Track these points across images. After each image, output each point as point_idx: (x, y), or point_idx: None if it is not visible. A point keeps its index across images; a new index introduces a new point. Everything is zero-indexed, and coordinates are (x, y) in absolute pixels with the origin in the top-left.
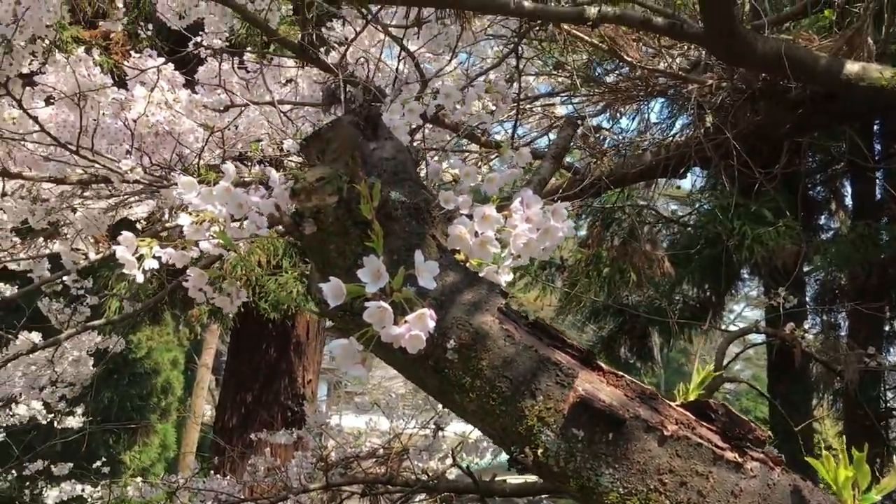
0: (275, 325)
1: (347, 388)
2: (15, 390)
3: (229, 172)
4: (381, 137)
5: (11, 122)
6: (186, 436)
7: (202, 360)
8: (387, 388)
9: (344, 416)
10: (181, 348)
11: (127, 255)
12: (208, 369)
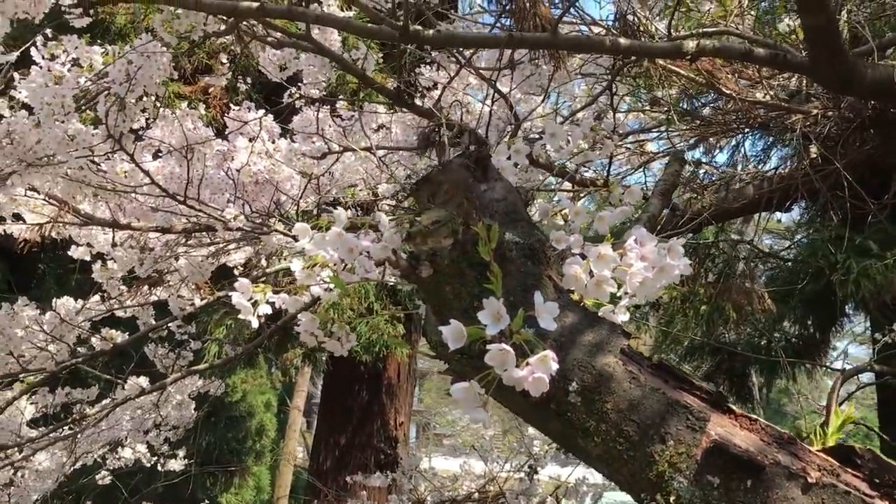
0: (366, 367)
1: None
2: (122, 434)
3: (341, 218)
4: (491, 179)
5: (123, 175)
6: (280, 478)
7: (294, 403)
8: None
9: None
10: (274, 391)
11: (243, 300)
12: (300, 412)
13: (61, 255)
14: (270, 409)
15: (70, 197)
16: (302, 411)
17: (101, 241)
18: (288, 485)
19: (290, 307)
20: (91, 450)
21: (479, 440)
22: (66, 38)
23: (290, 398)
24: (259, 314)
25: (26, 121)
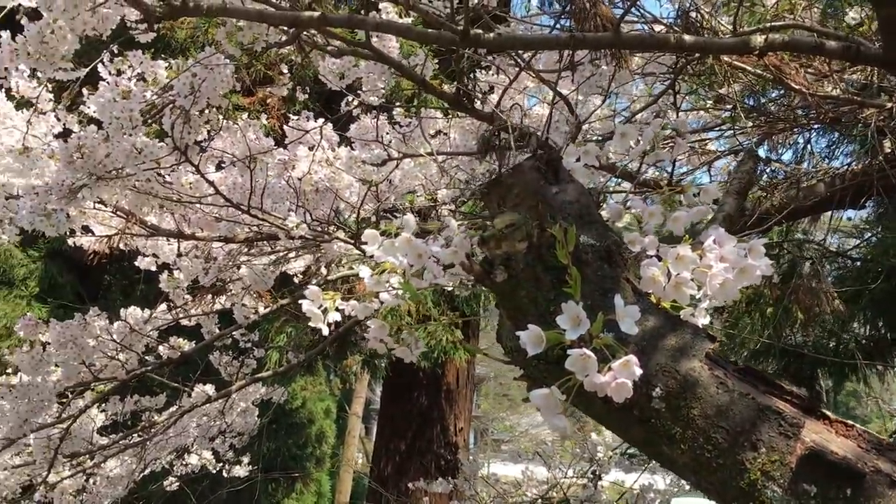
0: (425, 373)
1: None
2: (188, 440)
3: (410, 224)
4: (563, 181)
5: (188, 186)
6: (340, 484)
7: (353, 409)
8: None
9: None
10: (333, 398)
11: (313, 307)
12: (358, 418)
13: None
14: (330, 415)
15: (137, 209)
16: (360, 417)
17: (166, 252)
18: (348, 491)
19: (359, 314)
20: (159, 456)
21: (538, 446)
22: (132, 54)
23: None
24: (329, 321)
25: (95, 135)
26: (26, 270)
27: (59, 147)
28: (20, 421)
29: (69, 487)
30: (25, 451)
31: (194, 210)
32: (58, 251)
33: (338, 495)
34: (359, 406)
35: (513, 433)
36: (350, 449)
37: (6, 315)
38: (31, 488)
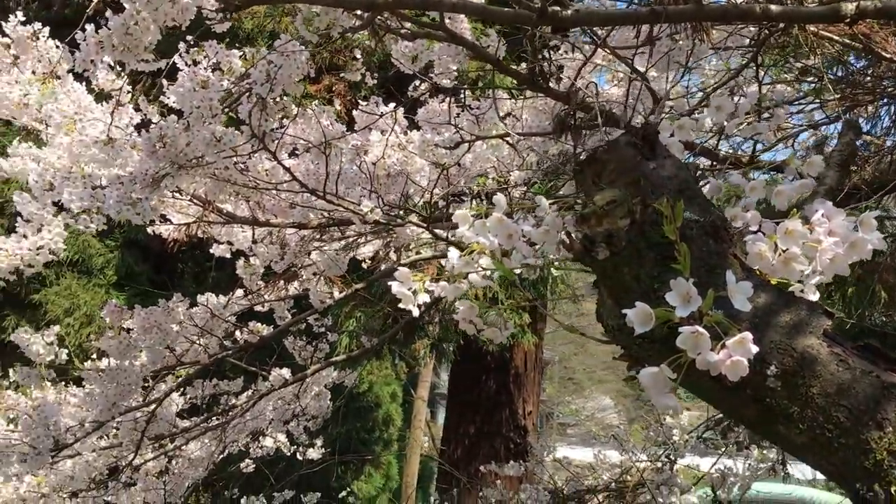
0: (493, 357)
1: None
2: (264, 424)
3: (501, 203)
4: (660, 156)
5: (265, 173)
6: (408, 467)
7: (418, 393)
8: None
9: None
10: (399, 382)
11: (403, 289)
12: (424, 402)
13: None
14: (396, 399)
15: (215, 196)
16: (426, 402)
17: (240, 239)
18: (415, 474)
19: (449, 295)
20: (237, 439)
21: (605, 430)
22: (207, 44)
23: (414, 389)
24: (419, 303)
25: (176, 125)
26: (104, 260)
27: (143, 137)
28: (109, 404)
29: (153, 469)
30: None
31: (269, 197)
32: (133, 241)
33: (405, 478)
34: (424, 390)
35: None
36: (417, 432)
37: (86, 303)
38: (117, 470)
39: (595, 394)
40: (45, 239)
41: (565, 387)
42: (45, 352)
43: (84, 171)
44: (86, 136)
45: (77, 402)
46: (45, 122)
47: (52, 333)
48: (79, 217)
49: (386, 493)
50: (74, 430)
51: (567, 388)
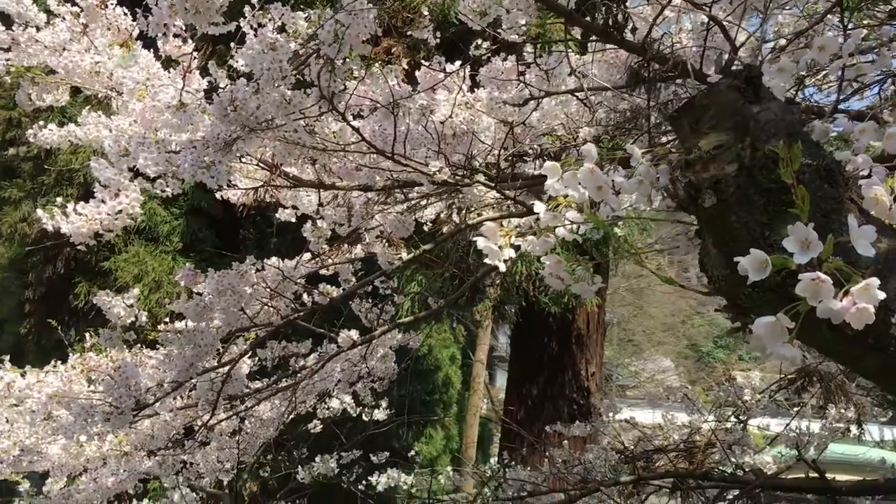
0: (555, 318)
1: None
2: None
3: (592, 153)
4: (765, 99)
5: (332, 135)
6: (467, 429)
7: (477, 356)
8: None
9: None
10: (457, 345)
11: (490, 245)
12: (483, 365)
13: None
14: (455, 362)
15: (284, 159)
16: (485, 364)
17: (304, 203)
18: (475, 435)
19: (536, 250)
20: (305, 400)
21: (665, 392)
22: (272, 7)
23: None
24: (504, 258)
25: (246, 88)
26: (170, 227)
27: (214, 101)
28: (187, 365)
29: (226, 428)
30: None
31: (336, 159)
32: (197, 208)
33: (465, 439)
34: (483, 353)
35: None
36: (476, 395)
37: (154, 270)
38: (192, 430)
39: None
40: (122, 204)
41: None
42: (126, 314)
43: (157, 136)
44: (158, 101)
45: (154, 363)
46: (116, 90)
47: (132, 296)
48: (155, 182)
49: (447, 454)
50: (154, 390)
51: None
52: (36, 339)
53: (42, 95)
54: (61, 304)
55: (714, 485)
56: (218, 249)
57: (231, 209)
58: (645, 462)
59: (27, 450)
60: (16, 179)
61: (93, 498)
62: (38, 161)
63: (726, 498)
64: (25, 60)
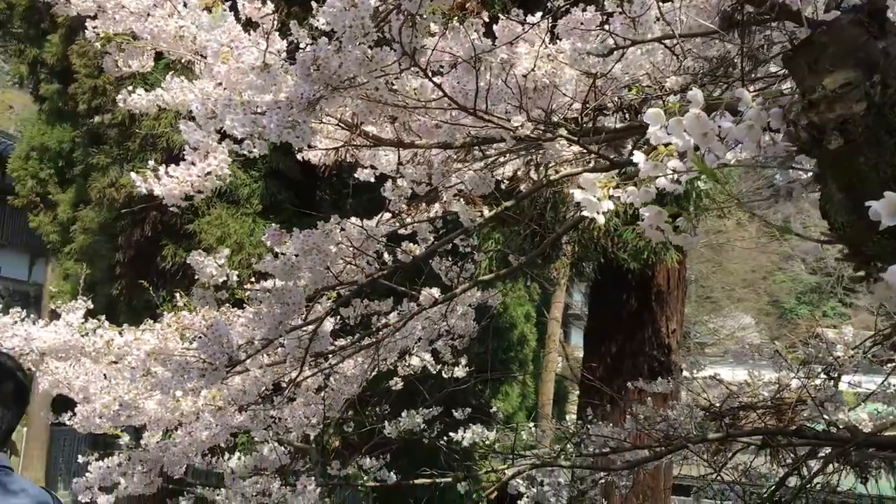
0: (634, 275)
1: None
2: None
3: (698, 98)
4: (891, 33)
5: (413, 92)
6: (543, 385)
7: (551, 314)
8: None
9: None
10: (532, 303)
11: (589, 196)
12: (558, 322)
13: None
14: (530, 320)
15: (366, 118)
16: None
17: (383, 163)
18: (551, 393)
19: (637, 200)
20: (387, 357)
21: (749, 347)
22: None
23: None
24: (603, 210)
25: (328, 46)
26: (249, 190)
27: (297, 61)
28: (276, 323)
29: (312, 385)
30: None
31: (417, 117)
32: (275, 170)
33: (541, 396)
34: (558, 311)
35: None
36: (551, 353)
37: (236, 231)
38: (279, 386)
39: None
40: (211, 165)
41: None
42: (218, 273)
43: (242, 98)
44: (242, 63)
45: (243, 321)
46: (200, 54)
47: (223, 256)
48: (242, 143)
49: (522, 411)
50: (245, 347)
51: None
52: (127, 300)
53: (128, 62)
54: (149, 266)
55: (806, 442)
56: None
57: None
58: (731, 419)
59: (125, 405)
60: (103, 146)
61: (188, 451)
62: (122, 128)
63: (818, 456)
64: (112, 27)
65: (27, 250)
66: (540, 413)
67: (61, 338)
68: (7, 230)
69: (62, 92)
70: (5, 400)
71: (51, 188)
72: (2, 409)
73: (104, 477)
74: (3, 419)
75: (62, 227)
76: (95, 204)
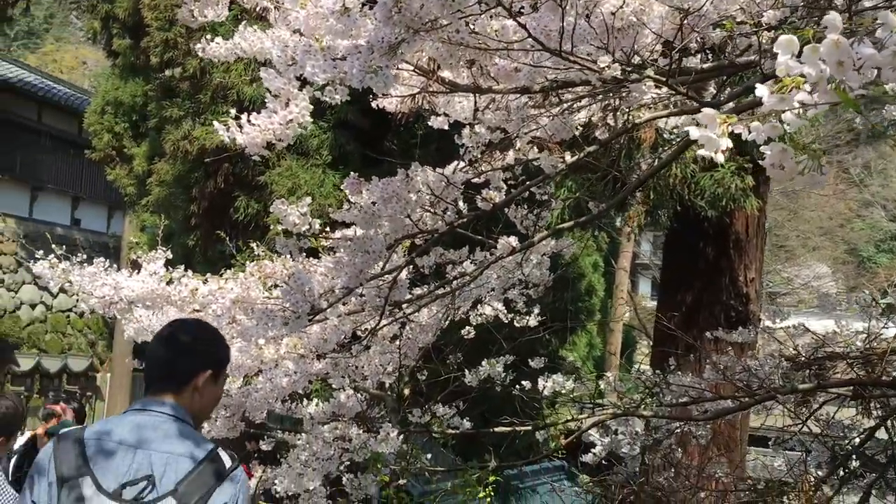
0: (710, 223)
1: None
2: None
3: (835, 23)
4: None
5: (494, 34)
6: (611, 335)
7: (620, 263)
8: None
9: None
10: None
11: (708, 133)
12: (626, 272)
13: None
14: (598, 269)
15: (446, 62)
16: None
17: (457, 110)
18: (619, 343)
19: (762, 136)
20: (462, 306)
21: (820, 298)
22: None
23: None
24: (722, 148)
25: None
26: (318, 141)
27: (378, 3)
28: (356, 271)
29: (387, 334)
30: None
31: (497, 60)
32: (343, 121)
33: (608, 346)
34: (626, 261)
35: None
36: (619, 302)
37: (306, 182)
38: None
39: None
40: (293, 113)
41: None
42: (300, 221)
43: (322, 43)
44: (320, 7)
45: (322, 270)
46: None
47: (305, 204)
48: (323, 90)
49: (590, 361)
50: (326, 296)
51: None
52: (202, 251)
53: (203, 10)
54: (223, 218)
55: None
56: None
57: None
58: (818, 369)
59: None
60: (175, 99)
61: (269, 396)
62: (194, 80)
63: None
64: None
65: (105, 203)
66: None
67: (148, 286)
68: (86, 184)
69: (134, 46)
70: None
71: (126, 142)
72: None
73: None
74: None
75: (138, 180)
76: (170, 157)
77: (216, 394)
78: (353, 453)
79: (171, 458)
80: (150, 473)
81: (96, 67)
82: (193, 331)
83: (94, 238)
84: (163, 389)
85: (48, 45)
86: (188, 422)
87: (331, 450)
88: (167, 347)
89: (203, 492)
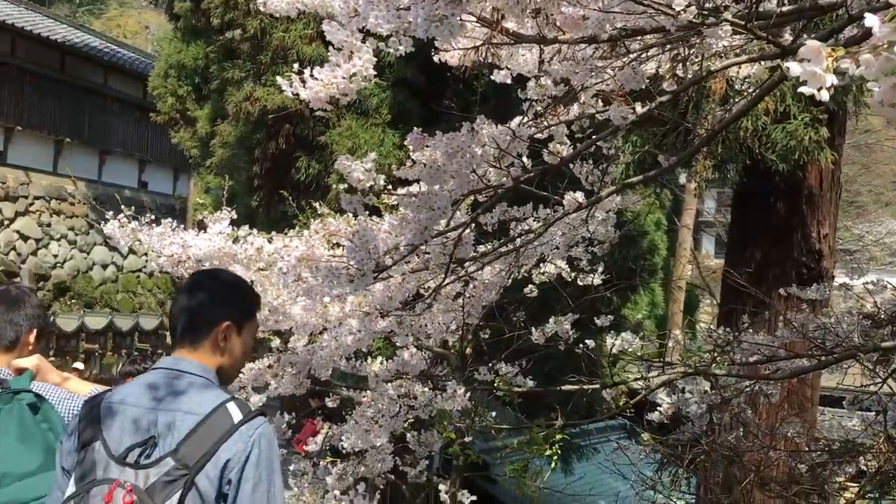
0: (782, 177)
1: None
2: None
3: None
4: None
5: None
6: (673, 295)
7: (683, 221)
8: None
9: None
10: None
11: (813, 67)
12: (689, 230)
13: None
14: (660, 227)
15: (512, 11)
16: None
17: (520, 63)
18: (681, 301)
19: (874, 72)
20: (526, 264)
21: (893, 254)
22: None
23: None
24: (827, 85)
25: None
26: (378, 100)
27: None
28: (421, 228)
29: (450, 292)
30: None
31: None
32: (402, 79)
33: (671, 305)
34: (689, 218)
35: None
36: (682, 261)
37: (366, 142)
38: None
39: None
40: (356, 66)
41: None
42: (365, 178)
43: None
44: None
45: (386, 228)
46: None
47: (370, 160)
48: (388, 41)
49: (652, 319)
50: (392, 253)
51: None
52: (265, 211)
53: None
54: (284, 178)
55: None
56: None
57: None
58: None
59: (273, 310)
60: (236, 61)
61: (334, 354)
62: (254, 41)
63: None
64: None
65: (171, 165)
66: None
67: (215, 245)
68: (152, 146)
69: (195, 9)
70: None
71: (189, 104)
72: None
73: (256, 377)
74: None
75: (202, 142)
76: (232, 118)
77: (244, 347)
78: (418, 410)
79: (178, 416)
80: (152, 434)
81: (158, 31)
82: (215, 279)
83: (160, 200)
84: (182, 344)
85: (112, 10)
86: (207, 377)
87: (396, 407)
88: (189, 297)
89: (205, 449)
